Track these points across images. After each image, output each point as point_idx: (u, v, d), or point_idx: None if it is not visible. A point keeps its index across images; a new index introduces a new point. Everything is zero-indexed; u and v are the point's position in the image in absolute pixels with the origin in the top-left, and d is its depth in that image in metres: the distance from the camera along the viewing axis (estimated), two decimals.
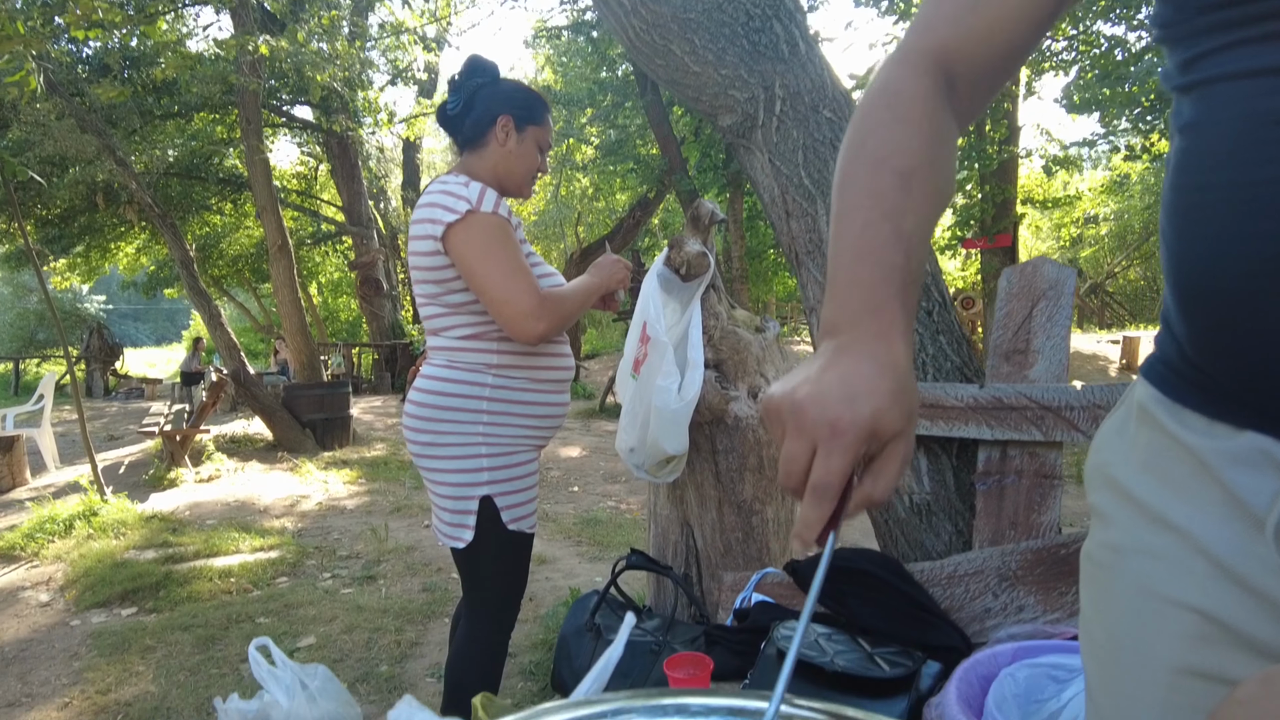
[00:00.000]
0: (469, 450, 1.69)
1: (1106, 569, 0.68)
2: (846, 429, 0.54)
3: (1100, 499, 0.70)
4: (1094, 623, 0.70)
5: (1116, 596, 0.66)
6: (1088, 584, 0.72)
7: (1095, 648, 0.70)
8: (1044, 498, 1.50)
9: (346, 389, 8.26)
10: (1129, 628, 0.65)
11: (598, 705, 0.66)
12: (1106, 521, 0.68)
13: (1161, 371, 0.64)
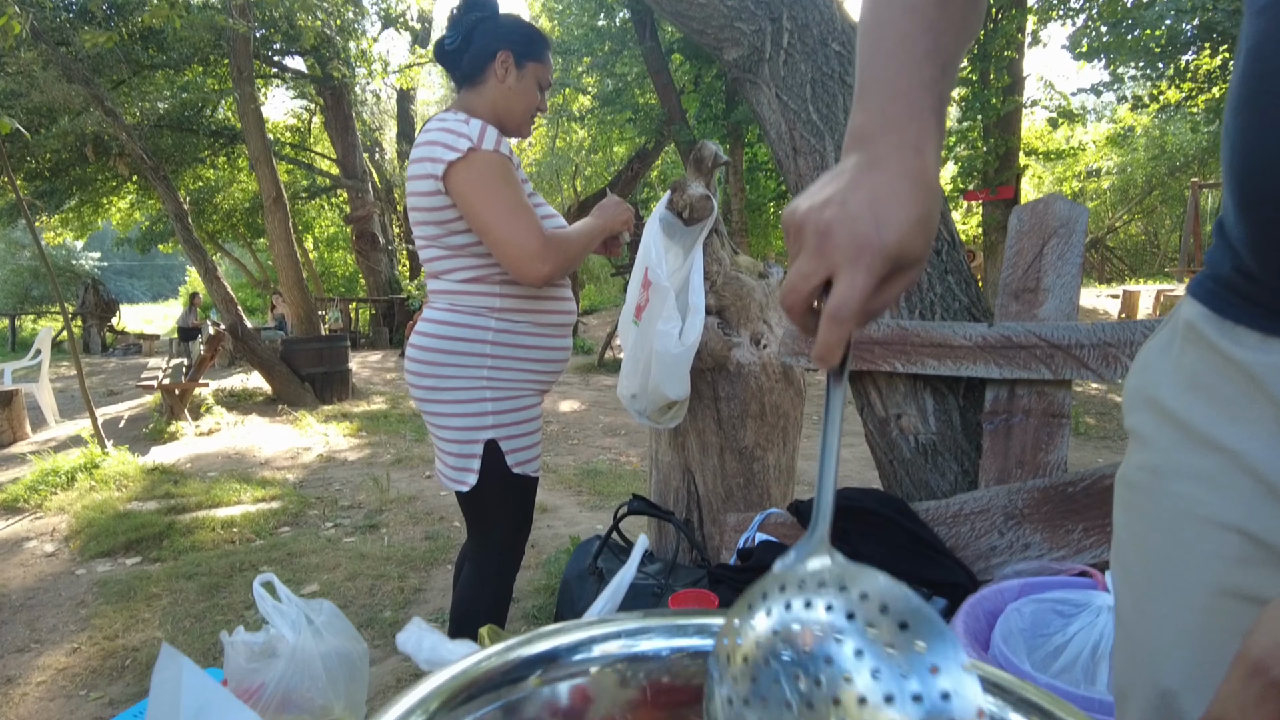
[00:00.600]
0: (473, 395, 1.67)
1: (1144, 492, 0.67)
2: (873, 255, 0.52)
3: (1139, 421, 0.68)
4: (1128, 548, 0.69)
5: (1154, 520, 0.65)
6: (1123, 509, 0.71)
7: (1128, 573, 0.69)
8: (1051, 437, 1.49)
9: (345, 342, 8.23)
10: (1166, 551, 0.64)
11: (616, 624, 0.64)
12: (1145, 444, 0.67)
13: (1212, 288, 0.61)
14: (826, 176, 0.57)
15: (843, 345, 0.54)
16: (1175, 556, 0.62)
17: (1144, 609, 0.66)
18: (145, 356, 13.75)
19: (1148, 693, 0.65)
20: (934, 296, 1.64)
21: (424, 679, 0.56)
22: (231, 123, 13.89)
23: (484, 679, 0.57)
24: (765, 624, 0.48)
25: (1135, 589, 0.67)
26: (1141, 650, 0.66)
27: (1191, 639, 0.61)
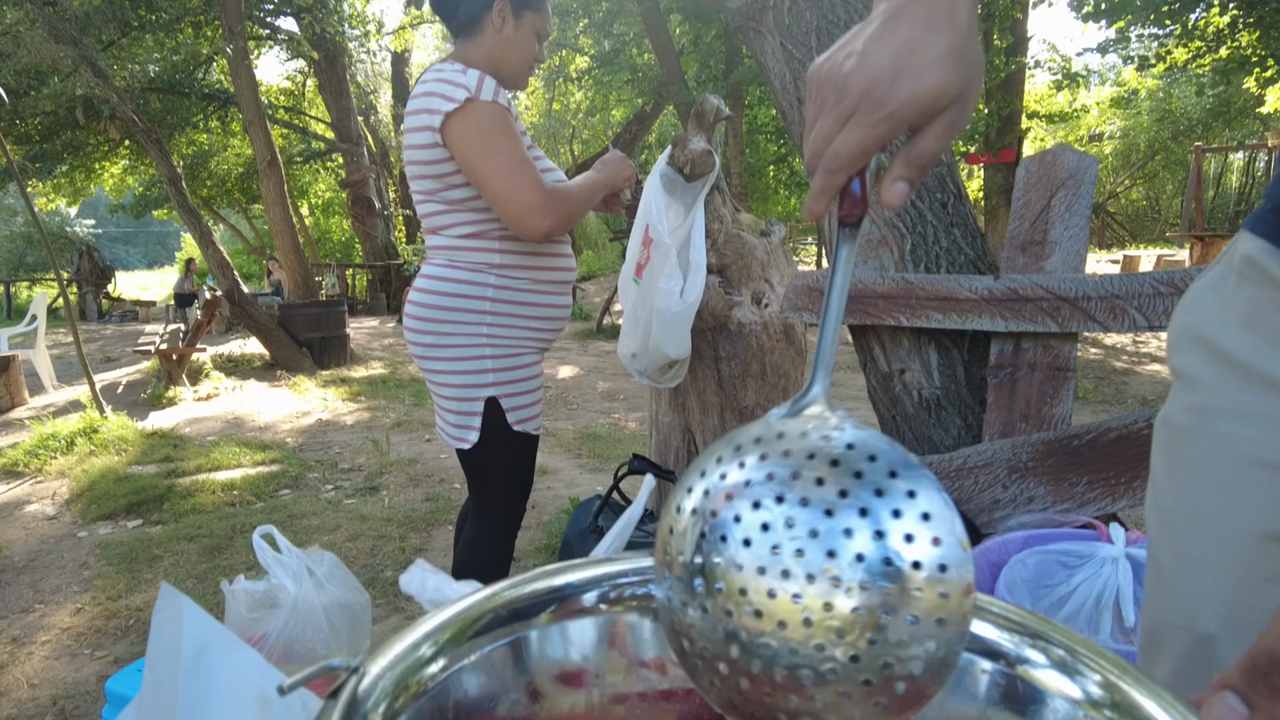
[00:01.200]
0: (473, 352, 1.66)
1: (1188, 433, 0.65)
2: (882, 102, 0.49)
3: (1186, 361, 0.67)
4: (1166, 491, 0.68)
5: (1198, 462, 0.64)
6: (1163, 451, 0.69)
7: (1166, 517, 0.68)
8: (1056, 390, 1.48)
9: (342, 307, 8.19)
10: (1210, 493, 0.62)
11: (629, 562, 0.63)
12: (1192, 384, 0.66)
13: (1274, 221, 0.59)
14: (853, 30, 0.54)
15: (828, 195, 0.52)
16: (1219, 499, 0.61)
17: (1182, 553, 0.65)
18: (142, 323, 13.70)
19: (1183, 637, 0.64)
20: (939, 250, 1.61)
21: (435, 611, 0.55)
22: (224, 85, 13.68)
23: (495, 613, 0.56)
24: (740, 474, 0.45)
25: (1173, 533, 0.66)
26: (1177, 595, 0.65)
27: (1233, 583, 0.60)
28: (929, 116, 0.50)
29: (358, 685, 0.46)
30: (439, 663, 0.51)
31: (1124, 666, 0.49)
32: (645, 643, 0.62)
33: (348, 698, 0.43)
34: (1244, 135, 16.63)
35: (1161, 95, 18.60)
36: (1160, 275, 1.42)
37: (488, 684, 0.54)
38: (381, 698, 0.47)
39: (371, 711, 0.45)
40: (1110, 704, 0.48)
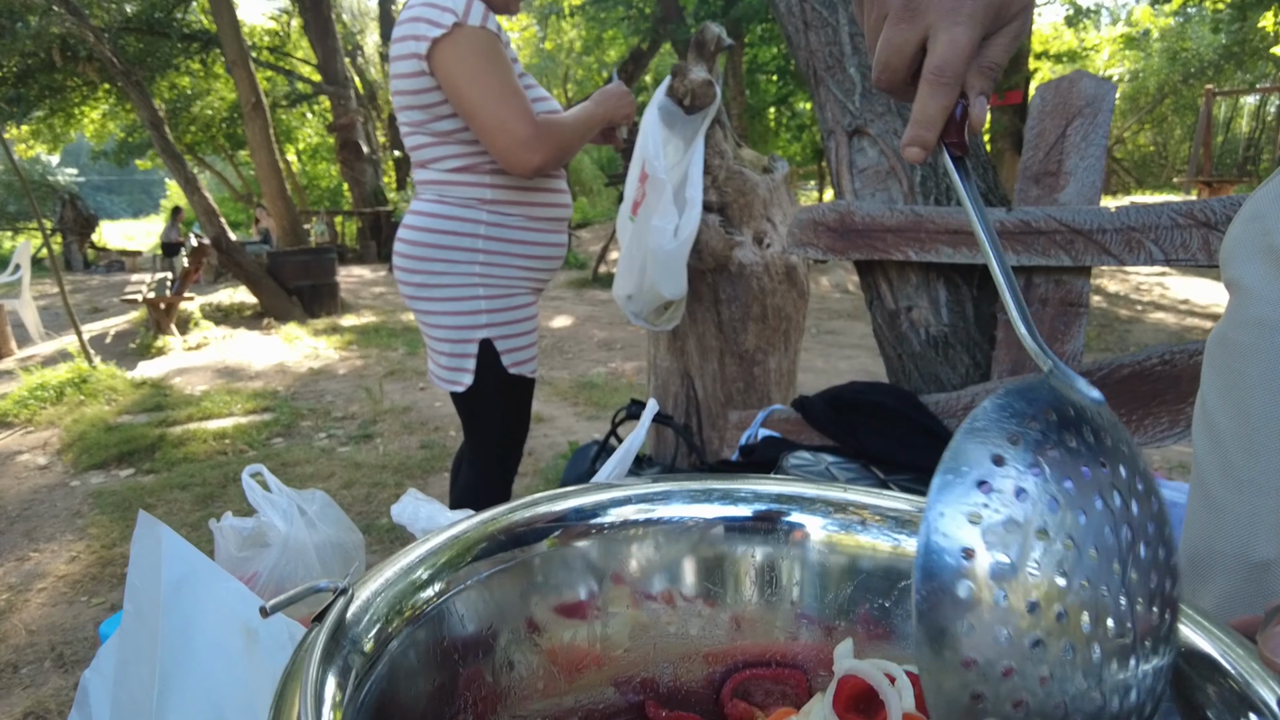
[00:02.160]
0: (466, 292, 1.61)
1: (1247, 350, 0.62)
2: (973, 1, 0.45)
3: (1245, 272, 0.63)
4: (1219, 412, 0.65)
5: (1257, 378, 0.60)
6: (1216, 370, 0.66)
7: (1218, 439, 0.64)
8: (1069, 326, 1.44)
9: (332, 255, 8.08)
10: (1270, 411, 0.59)
11: (636, 487, 0.60)
12: (1253, 296, 0.62)
13: None
14: None
15: (943, 115, 0.46)
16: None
17: (1236, 476, 0.62)
18: (128, 273, 13.53)
19: (1235, 565, 0.62)
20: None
21: (431, 534, 0.51)
22: (205, 25, 13.28)
23: (494, 538, 0.53)
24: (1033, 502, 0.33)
25: (1225, 456, 0.63)
26: (1229, 521, 0.63)
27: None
28: (1003, 21, 0.47)
29: (346, 607, 0.42)
30: (435, 587, 0.48)
31: None
32: (652, 574, 0.58)
33: (334, 620, 0.40)
34: (1256, 78, 16.35)
35: (1174, 35, 18.23)
36: (1179, 206, 1.37)
37: (485, 612, 0.50)
38: (374, 621, 0.43)
39: (363, 635, 0.42)
40: None
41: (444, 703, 0.46)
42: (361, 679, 0.40)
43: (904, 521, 0.57)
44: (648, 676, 0.56)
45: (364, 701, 0.39)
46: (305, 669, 0.36)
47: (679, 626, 0.57)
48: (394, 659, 0.43)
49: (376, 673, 0.41)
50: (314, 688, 0.35)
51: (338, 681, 0.38)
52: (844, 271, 8.85)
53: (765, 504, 0.59)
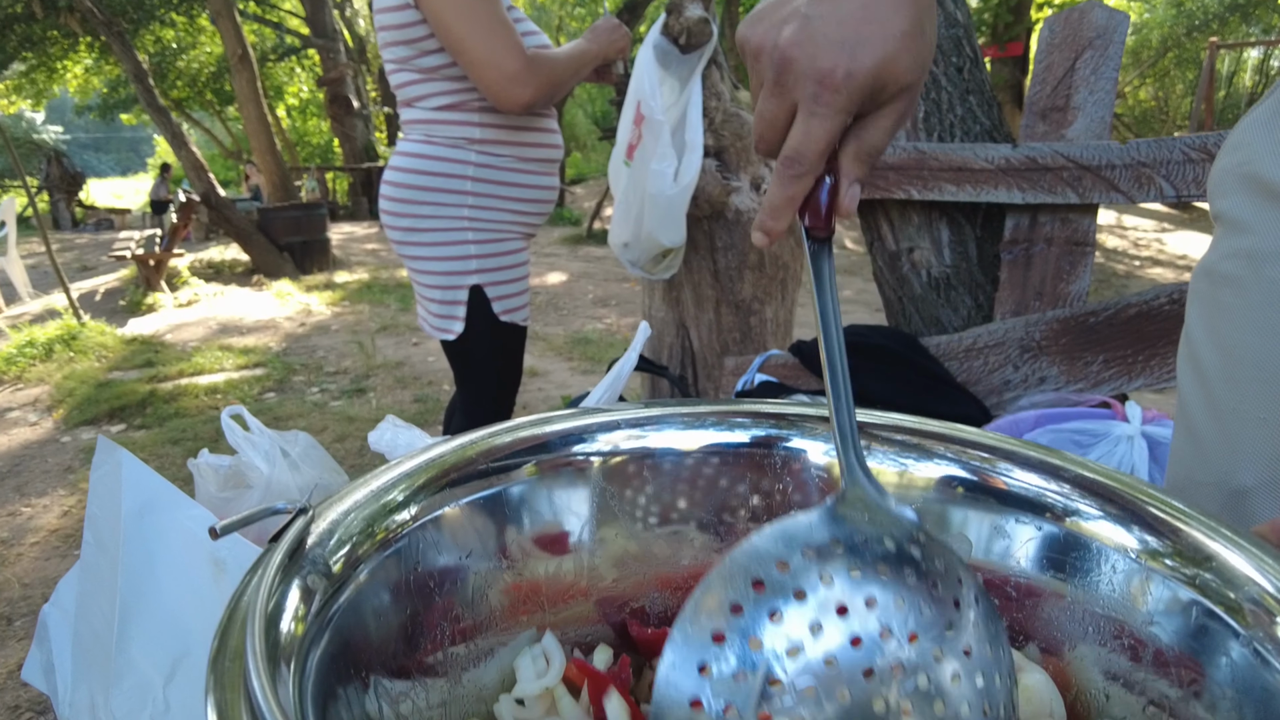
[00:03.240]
0: (455, 236, 1.56)
1: (1234, 281, 0.61)
2: (839, 86, 0.41)
3: (1233, 204, 0.62)
4: (1204, 345, 0.64)
5: (1244, 311, 0.59)
6: (1202, 303, 0.65)
7: (1202, 373, 0.64)
8: (1074, 266, 1.40)
9: (323, 210, 7.96)
10: (1255, 344, 0.58)
11: (626, 412, 0.56)
12: (1241, 228, 0.61)
13: None
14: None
15: (792, 205, 0.45)
16: (1266, 349, 0.58)
17: (1219, 408, 0.61)
18: (118, 231, 13.36)
19: (1214, 494, 0.63)
20: (954, 118, 1.50)
21: (407, 455, 0.48)
22: None
23: (474, 463, 0.49)
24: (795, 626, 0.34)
25: (1209, 389, 0.63)
26: (1211, 452, 0.63)
27: (1277, 437, 0.57)
28: (880, 101, 0.43)
29: (307, 528, 0.39)
30: (408, 511, 0.44)
31: (1184, 509, 0.43)
32: (642, 502, 0.55)
33: (293, 539, 0.36)
34: (1263, 29, 16.05)
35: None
36: (1191, 140, 1.33)
37: (462, 539, 0.47)
38: (341, 543, 0.40)
39: (328, 557, 0.39)
40: (1173, 552, 0.42)
41: (416, 632, 0.43)
42: (326, 601, 0.37)
43: (910, 445, 0.54)
44: (637, 607, 0.54)
45: (329, 623, 0.36)
46: (258, 586, 0.33)
47: (670, 556, 0.54)
48: (362, 584, 0.40)
49: (343, 597, 0.38)
50: (264, 605, 0.32)
51: (300, 598, 0.35)
52: (841, 227, 8.76)
53: (764, 428, 0.56)
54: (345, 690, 0.36)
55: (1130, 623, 0.41)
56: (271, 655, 0.31)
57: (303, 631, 0.34)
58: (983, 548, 0.50)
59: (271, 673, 0.28)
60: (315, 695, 0.33)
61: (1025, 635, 0.47)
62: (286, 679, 0.31)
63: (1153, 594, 0.40)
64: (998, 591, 0.48)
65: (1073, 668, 0.43)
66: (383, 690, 0.38)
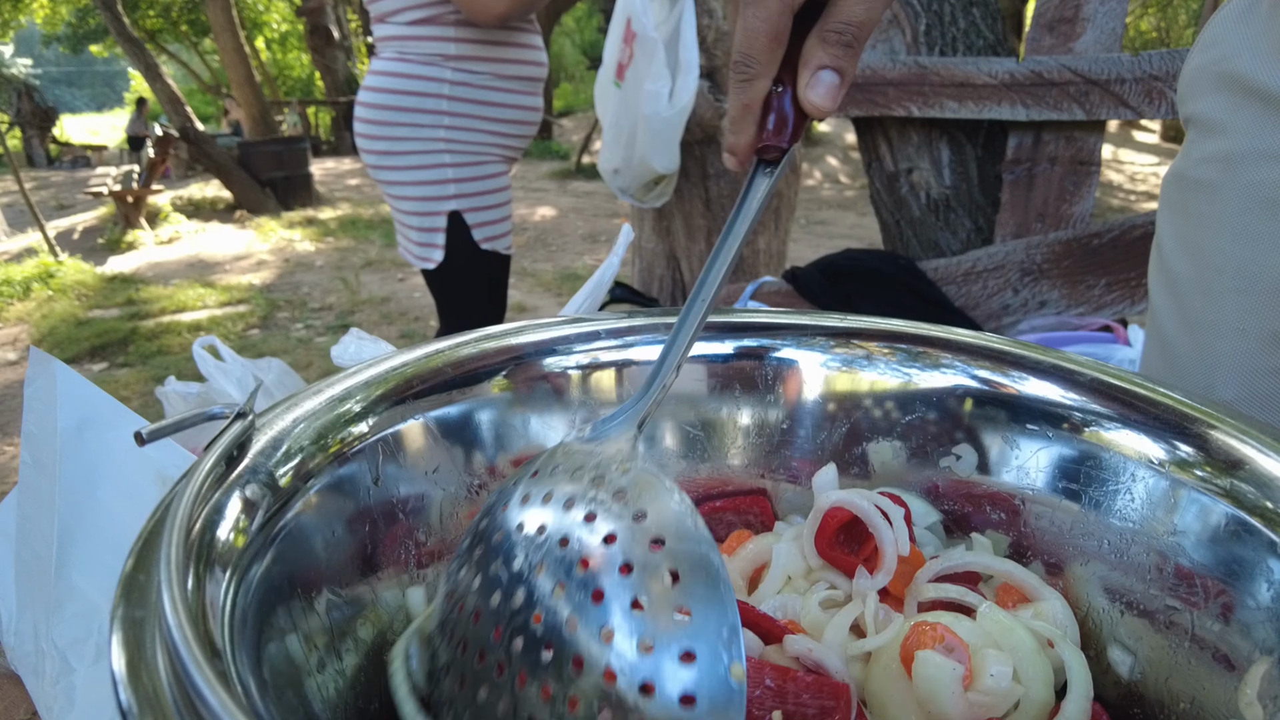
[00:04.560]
0: (431, 160, 1.50)
1: (1208, 187, 0.58)
2: None
3: (1207, 105, 0.58)
4: (1176, 256, 0.61)
5: (1218, 217, 0.57)
6: (1173, 212, 0.62)
7: (1174, 284, 0.61)
8: (1078, 186, 1.36)
9: (304, 145, 7.77)
10: (1231, 250, 0.55)
11: (606, 322, 0.52)
12: (1216, 130, 0.57)
13: None
14: None
15: (746, 113, 0.40)
16: (1242, 255, 0.55)
17: (1193, 320, 0.59)
18: (95, 168, 13.04)
19: None
20: (956, 31, 1.43)
21: (366, 363, 0.44)
22: None
23: (441, 372, 0.45)
24: (518, 512, 0.36)
25: (1182, 300, 0.60)
26: (1186, 367, 0.60)
27: (1255, 345, 0.55)
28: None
29: (247, 434, 0.35)
30: (367, 422, 0.40)
31: (1212, 410, 0.39)
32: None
33: (228, 445, 0.32)
34: None
35: None
36: None
37: (427, 456, 0.43)
38: (292, 454, 0.36)
39: (275, 468, 0.35)
40: (1201, 459, 0.38)
41: (375, 553, 0.39)
42: (271, 515, 0.33)
43: (916, 354, 0.51)
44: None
45: (274, 538, 0.33)
46: (184, 493, 0.29)
47: None
48: (312, 500, 0.36)
49: (291, 513, 0.34)
50: (188, 513, 0.28)
51: (242, 509, 0.32)
52: (835, 162, 8.61)
53: (753, 338, 0.52)
54: (290, 607, 0.32)
55: (1152, 538, 0.38)
56: (203, 559, 0.28)
57: (243, 544, 0.31)
58: (993, 461, 0.47)
59: (184, 583, 0.25)
60: (255, 608, 0.30)
61: (1032, 552, 0.44)
62: (220, 580, 0.28)
63: (1178, 505, 0.37)
64: (1005, 506, 0.45)
65: (1081, 586, 0.41)
66: (333, 608, 0.35)
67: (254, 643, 0.28)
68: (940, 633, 0.33)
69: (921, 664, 0.32)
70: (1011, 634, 0.34)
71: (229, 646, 0.25)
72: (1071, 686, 0.33)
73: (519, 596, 0.32)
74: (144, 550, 0.28)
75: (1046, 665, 0.34)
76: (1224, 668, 0.32)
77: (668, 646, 0.28)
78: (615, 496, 0.33)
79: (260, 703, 0.24)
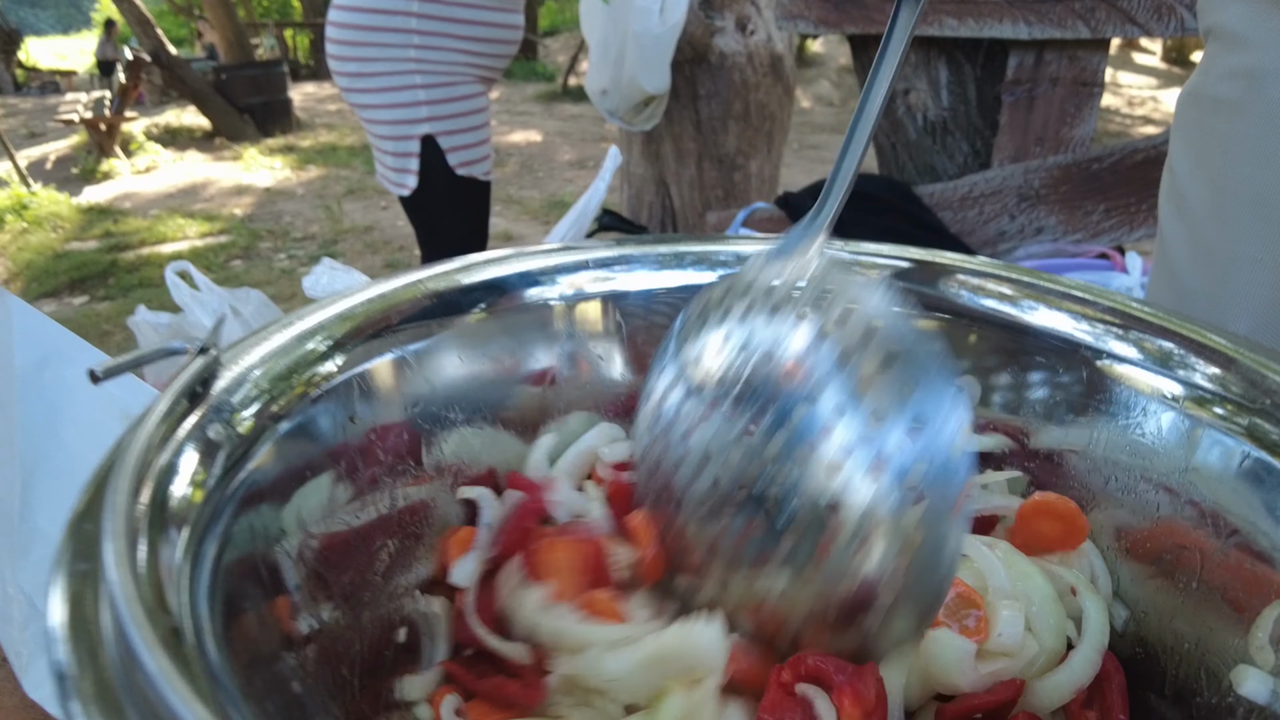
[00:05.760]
0: (402, 81, 1.44)
1: (1228, 106, 0.54)
2: None
3: (1230, 16, 0.54)
4: (1191, 179, 0.58)
5: (1240, 137, 0.53)
6: (1188, 133, 0.58)
7: (1187, 209, 0.58)
8: (1079, 108, 1.31)
9: (282, 68, 7.51)
10: (1253, 174, 0.52)
11: (594, 251, 0.50)
12: (1239, 43, 0.53)
13: None
14: None
15: None
16: (1265, 179, 0.52)
17: (1209, 248, 0.56)
18: (65, 94, 12.59)
19: None
20: None
21: (335, 296, 0.41)
22: None
23: (418, 303, 0.43)
24: (719, 332, 0.37)
25: (1196, 227, 0.57)
26: (1197, 297, 0.58)
27: (1273, 278, 0.52)
28: None
29: (211, 370, 0.32)
30: (337, 360, 0.38)
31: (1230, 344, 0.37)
32: (612, 358, 0.49)
33: (187, 382, 0.30)
34: None
35: None
36: None
37: (404, 392, 0.41)
38: (253, 397, 0.34)
39: (238, 408, 0.33)
40: (1221, 397, 0.36)
41: (359, 490, 0.38)
42: (234, 463, 0.31)
43: (915, 281, 0.48)
44: None
45: (240, 488, 0.31)
46: (138, 434, 0.27)
47: None
48: (281, 443, 0.34)
49: (255, 458, 0.32)
50: (141, 457, 0.26)
51: (204, 450, 0.30)
52: (828, 85, 8.39)
53: None
54: (265, 558, 0.31)
55: (1164, 475, 0.36)
56: (157, 510, 0.26)
57: (204, 495, 0.29)
58: (997, 393, 0.45)
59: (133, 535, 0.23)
60: (224, 564, 0.28)
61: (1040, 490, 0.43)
62: (176, 542, 0.26)
63: (1194, 441, 0.36)
64: (1015, 440, 0.44)
65: (1094, 520, 0.39)
66: (309, 556, 0.33)
67: (220, 603, 0.26)
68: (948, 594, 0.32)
69: (932, 643, 0.31)
70: (1027, 580, 0.33)
71: (187, 608, 0.23)
72: (1084, 636, 0.32)
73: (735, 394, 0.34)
74: (93, 497, 0.26)
75: (1061, 614, 0.33)
76: (1232, 610, 0.31)
77: (895, 422, 0.30)
78: (818, 300, 0.34)
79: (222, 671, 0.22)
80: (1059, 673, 0.32)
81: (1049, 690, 0.32)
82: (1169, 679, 0.32)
